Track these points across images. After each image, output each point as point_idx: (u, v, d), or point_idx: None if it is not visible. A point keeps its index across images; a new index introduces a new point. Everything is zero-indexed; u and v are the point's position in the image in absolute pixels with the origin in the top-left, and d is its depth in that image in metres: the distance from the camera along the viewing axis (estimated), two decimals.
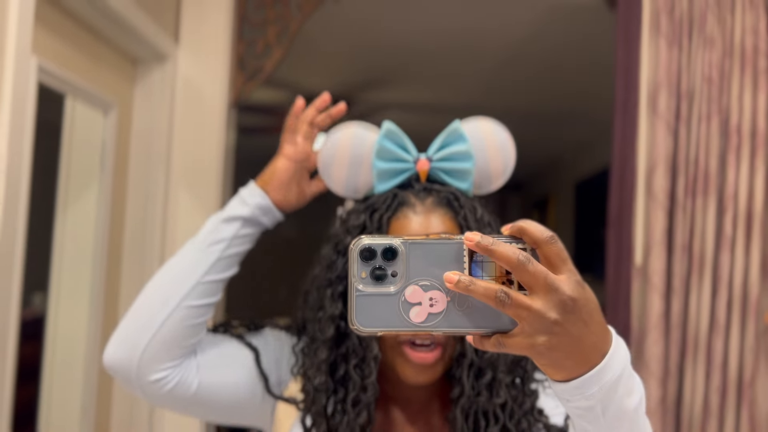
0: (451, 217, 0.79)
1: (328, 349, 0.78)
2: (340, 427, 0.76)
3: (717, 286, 1.82)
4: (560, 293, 0.50)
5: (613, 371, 0.52)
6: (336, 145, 0.83)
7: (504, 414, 0.76)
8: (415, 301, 0.53)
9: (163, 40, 1.80)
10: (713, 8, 1.87)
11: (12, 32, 1.12)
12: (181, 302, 0.79)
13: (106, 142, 1.70)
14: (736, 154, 1.84)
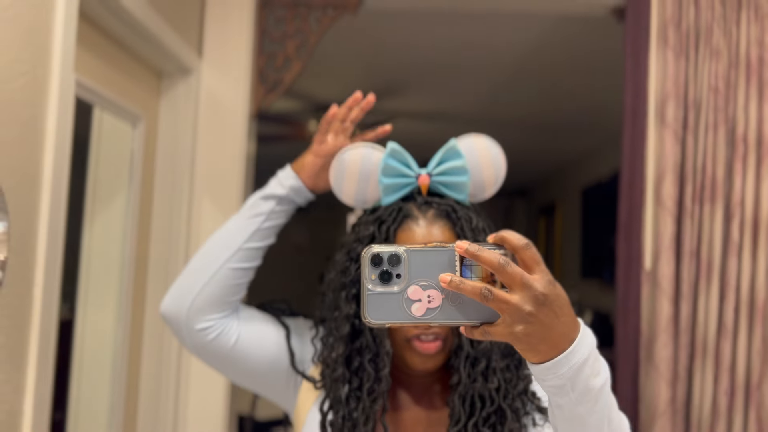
0: (450, 227, 0.89)
1: (344, 344, 0.88)
2: (355, 413, 0.86)
3: (725, 291, 1.88)
4: (534, 290, 0.60)
5: (581, 355, 0.62)
6: (346, 163, 0.93)
7: (498, 396, 0.85)
8: (416, 298, 0.64)
9: (188, 54, 1.87)
10: (719, 21, 1.93)
11: (57, 52, 1.19)
12: (225, 264, 0.92)
13: (134, 153, 1.77)
14: (742, 162, 1.89)
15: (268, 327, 0.96)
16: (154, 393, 1.88)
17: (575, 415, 0.64)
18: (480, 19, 2.70)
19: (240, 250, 0.93)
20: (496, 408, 0.85)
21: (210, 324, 0.92)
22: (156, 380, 1.88)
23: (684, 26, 1.95)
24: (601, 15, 2.14)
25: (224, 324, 0.93)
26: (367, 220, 0.92)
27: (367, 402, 0.86)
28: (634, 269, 1.94)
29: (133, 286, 1.80)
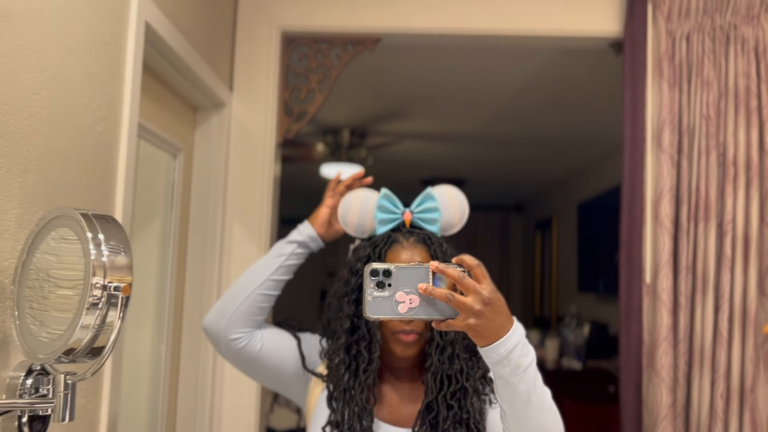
0: (426, 250, 1.17)
1: (345, 336, 1.16)
2: (353, 386, 1.14)
3: (719, 302, 2.03)
4: (482, 295, 0.88)
5: (513, 340, 0.90)
6: (350, 203, 1.24)
7: (462, 377, 1.13)
8: (401, 300, 0.90)
9: (221, 89, 2.02)
10: (709, 54, 2.11)
11: (127, 100, 1.34)
12: (255, 290, 1.21)
13: (174, 182, 1.91)
14: (733, 184, 2.06)
15: (284, 338, 1.24)
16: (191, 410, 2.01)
17: (510, 383, 0.91)
18: (485, 51, 2.87)
19: (267, 280, 1.21)
20: (460, 386, 1.12)
21: (241, 335, 1.19)
22: (192, 396, 2.01)
23: (677, 60, 2.13)
24: (600, 48, 2.32)
25: (251, 335, 1.20)
26: (364, 244, 1.21)
27: (362, 377, 1.13)
28: (635, 283, 2.10)
29: (174, 302, 1.93)
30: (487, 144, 4.77)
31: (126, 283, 0.83)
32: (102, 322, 0.81)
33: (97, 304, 0.80)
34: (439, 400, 1.12)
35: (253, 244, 2.14)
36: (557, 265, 6.09)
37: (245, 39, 2.18)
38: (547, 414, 0.94)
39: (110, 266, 0.82)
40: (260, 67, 2.17)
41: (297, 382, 1.24)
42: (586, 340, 4.16)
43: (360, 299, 1.16)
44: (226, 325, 1.19)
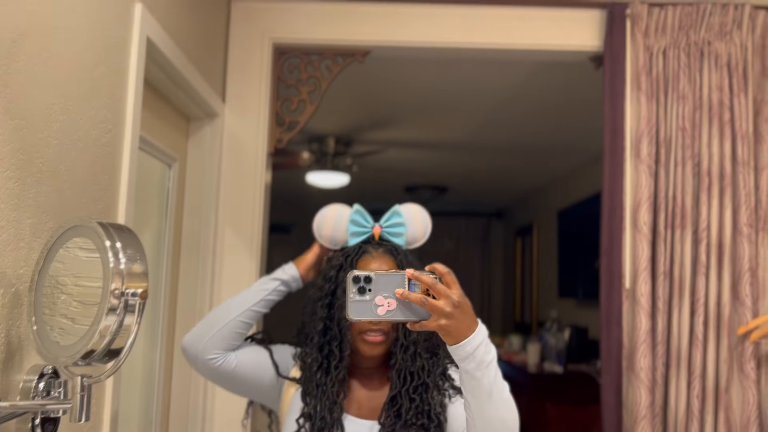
0: (392, 260, 1.30)
1: (318, 337, 1.27)
2: (326, 384, 1.24)
3: (695, 306, 2.12)
4: (452, 299, 0.99)
5: (478, 340, 1.02)
6: (325, 216, 1.37)
7: (423, 373, 1.25)
8: (380, 303, 0.99)
9: (214, 100, 2.07)
10: (684, 69, 2.21)
11: (129, 113, 1.38)
12: (237, 317, 1.31)
13: (169, 192, 1.95)
14: (707, 193, 2.15)
15: (256, 352, 1.34)
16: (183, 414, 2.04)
17: (475, 377, 1.03)
18: (470, 64, 2.94)
19: (248, 310, 1.32)
20: (422, 382, 1.24)
21: (217, 355, 1.30)
22: (185, 401, 2.04)
23: (654, 73, 2.22)
24: (581, 61, 2.41)
25: (226, 355, 1.31)
26: (337, 254, 1.32)
27: (334, 373, 1.24)
28: (615, 288, 2.18)
29: (168, 310, 1.97)
30: (471, 152, 4.86)
31: (143, 289, 0.88)
32: (119, 326, 0.86)
33: (115, 309, 0.85)
34: (402, 393, 1.24)
35: (245, 252, 2.19)
36: (538, 271, 6.19)
37: (238, 51, 2.23)
38: (506, 405, 1.06)
39: (128, 273, 0.87)
40: (252, 79, 2.22)
41: (272, 390, 1.34)
42: (566, 345, 4.25)
43: (332, 303, 1.28)
44: (205, 346, 1.29)
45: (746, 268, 2.12)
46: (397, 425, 1.22)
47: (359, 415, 1.28)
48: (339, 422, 1.23)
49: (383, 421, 1.23)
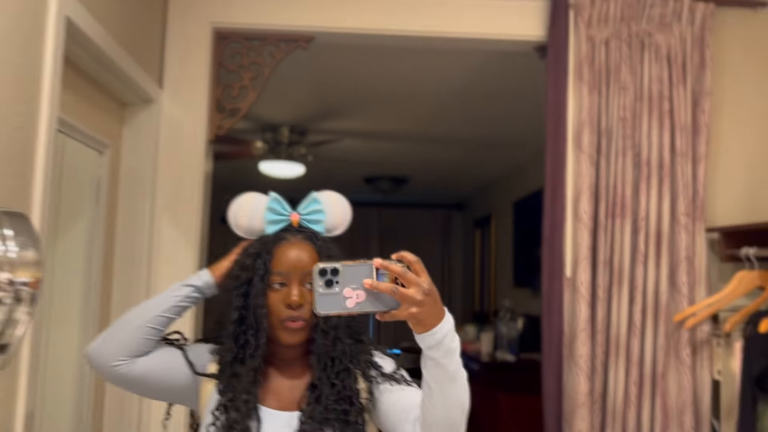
0: (312, 247, 1.24)
1: (234, 326, 1.22)
2: (241, 374, 1.20)
3: (633, 295, 2.15)
4: (422, 286, 0.97)
5: (446, 328, 1.01)
6: (240, 206, 1.31)
7: (345, 358, 1.22)
8: (349, 296, 0.96)
9: (150, 86, 2.01)
10: (626, 60, 2.22)
11: (46, 95, 1.32)
12: (146, 323, 1.25)
13: (101, 179, 1.89)
14: (646, 182, 2.18)
15: (168, 353, 1.28)
16: (117, 411, 1.99)
17: (442, 364, 1.04)
18: (419, 53, 2.93)
19: (158, 316, 1.26)
20: (344, 367, 1.22)
21: (122, 362, 1.23)
22: (120, 396, 1.99)
23: (597, 64, 2.23)
24: (525, 51, 2.41)
25: (134, 362, 1.24)
26: (254, 243, 1.28)
27: (249, 363, 1.21)
28: (556, 277, 2.20)
29: (100, 302, 1.91)
30: (428, 143, 4.85)
31: (35, 279, 0.84)
32: (8, 318, 0.82)
33: (1, 299, 0.81)
34: (323, 379, 1.22)
35: (183, 242, 2.14)
36: (495, 262, 6.24)
37: (176, 36, 2.17)
38: (465, 389, 1.08)
39: (18, 262, 0.83)
40: (191, 64, 2.17)
41: (188, 390, 1.30)
42: (519, 334, 4.29)
43: (248, 293, 1.23)
44: (110, 353, 1.23)
45: (683, 257, 2.16)
46: (317, 411, 1.20)
47: (279, 407, 1.25)
48: (255, 412, 1.20)
49: (303, 408, 1.21)
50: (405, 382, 1.25)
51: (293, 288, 1.20)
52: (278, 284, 1.21)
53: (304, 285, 1.22)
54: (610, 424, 2.12)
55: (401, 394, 1.22)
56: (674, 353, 2.15)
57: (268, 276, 1.21)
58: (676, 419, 2.12)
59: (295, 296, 1.19)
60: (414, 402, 1.18)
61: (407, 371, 1.33)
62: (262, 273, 1.21)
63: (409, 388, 1.23)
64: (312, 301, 0.97)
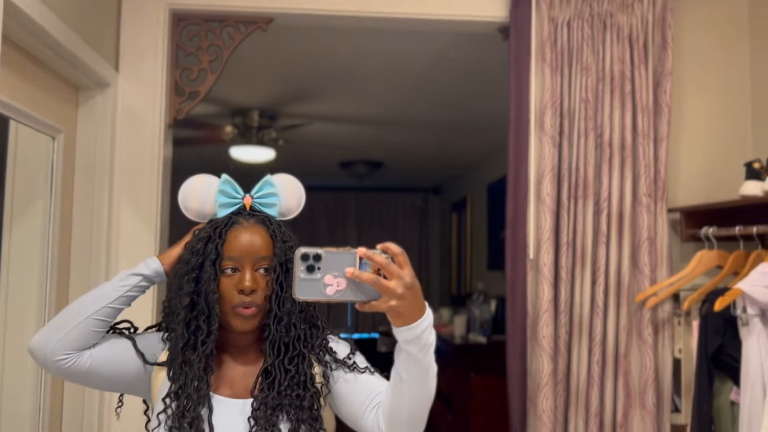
0: (265, 231, 1.21)
1: (184, 312, 1.19)
2: (193, 360, 1.17)
3: (596, 275, 2.17)
4: (404, 280, 0.97)
5: (426, 323, 1.01)
6: (191, 188, 1.27)
7: (299, 344, 1.20)
8: (330, 283, 0.96)
9: (104, 69, 1.96)
10: (588, 41, 2.22)
11: None
12: (91, 315, 1.20)
13: (55, 164, 1.85)
14: (608, 164, 2.19)
15: (116, 344, 1.24)
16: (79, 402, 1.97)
17: (417, 358, 1.04)
18: (384, 34, 2.90)
19: (105, 307, 1.22)
20: (298, 352, 1.21)
21: (68, 356, 1.19)
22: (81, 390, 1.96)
23: (559, 45, 2.22)
24: (489, 32, 2.39)
25: (79, 355, 1.20)
26: (205, 226, 1.24)
27: (200, 349, 1.18)
28: (520, 258, 2.21)
29: (57, 294, 1.88)
30: (402, 127, 4.83)
31: None
32: None
33: None
34: (276, 365, 1.20)
35: (144, 229, 2.10)
36: (471, 245, 6.27)
37: (131, 17, 2.12)
38: (434, 383, 1.09)
39: None
40: (148, 47, 2.12)
41: (140, 380, 1.26)
42: (492, 316, 4.32)
43: (200, 277, 1.19)
44: (54, 347, 1.18)
45: (645, 237, 2.18)
46: (270, 398, 1.18)
47: (232, 394, 1.22)
48: (207, 399, 1.18)
49: (256, 394, 1.19)
50: (361, 367, 1.23)
51: (246, 273, 1.17)
52: (230, 269, 1.18)
53: (257, 270, 1.19)
54: (573, 403, 2.15)
55: (359, 379, 1.21)
56: (636, 333, 2.17)
57: (219, 260, 1.17)
58: (638, 397, 2.15)
59: (248, 282, 1.16)
60: (373, 388, 1.18)
61: (384, 356, 1.32)
62: (214, 258, 1.17)
63: (366, 373, 1.22)
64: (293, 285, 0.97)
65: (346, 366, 1.24)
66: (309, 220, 7.62)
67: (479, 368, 3.85)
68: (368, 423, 1.16)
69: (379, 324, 7.35)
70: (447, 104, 4.16)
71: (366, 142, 5.35)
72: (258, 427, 1.15)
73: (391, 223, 7.96)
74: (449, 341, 4.18)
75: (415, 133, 5.02)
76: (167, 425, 1.17)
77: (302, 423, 1.18)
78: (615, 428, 2.13)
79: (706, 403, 1.89)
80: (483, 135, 5.03)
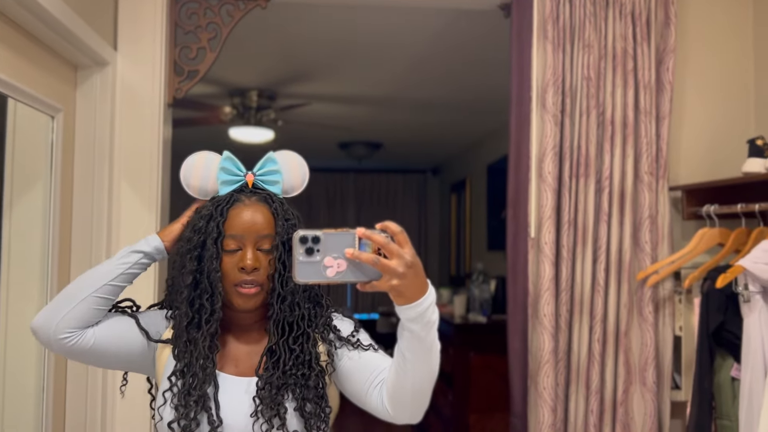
0: (268, 209, 1.21)
1: (188, 291, 1.19)
2: (197, 339, 1.18)
3: (597, 254, 2.17)
4: (404, 258, 0.96)
5: (429, 301, 1.01)
6: (193, 166, 1.27)
7: (303, 323, 1.20)
8: (330, 264, 0.96)
9: (103, 47, 1.94)
10: (590, 17, 2.20)
11: None
12: (93, 293, 1.20)
13: (54, 144, 1.84)
14: (610, 142, 2.18)
15: (119, 322, 1.24)
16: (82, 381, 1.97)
17: (420, 336, 1.04)
18: (384, 11, 2.87)
19: (106, 285, 1.21)
20: (302, 332, 1.21)
21: (71, 334, 1.19)
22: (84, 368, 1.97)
23: (561, 22, 2.20)
24: (490, 9, 2.37)
25: (83, 333, 1.20)
26: (207, 204, 1.23)
27: (205, 328, 1.18)
28: (521, 237, 2.21)
29: (58, 274, 1.88)
30: (402, 107, 4.81)
31: None
32: None
33: None
34: (281, 344, 1.20)
35: (144, 209, 2.10)
36: (470, 226, 6.27)
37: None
38: (438, 361, 1.08)
39: None
40: (146, 25, 2.10)
41: (144, 357, 1.27)
42: (492, 296, 4.33)
43: (202, 256, 1.18)
44: (57, 326, 1.18)
45: (646, 216, 2.17)
46: (275, 377, 1.18)
47: (237, 372, 1.22)
48: (213, 378, 1.18)
49: (261, 373, 1.19)
50: (365, 344, 1.23)
51: (247, 251, 1.17)
52: (232, 247, 1.17)
53: (259, 249, 1.18)
54: (574, 380, 2.16)
55: (363, 356, 1.21)
56: (637, 310, 2.18)
57: (221, 239, 1.17)
58: (638, 375, 2.16)
59: (249, 260, 1.16)
60: (377, 365, 1.18)
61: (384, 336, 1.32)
62: (215, 236, 1.17)
63: (370, 351, 1.22)
64: (293, 268, 0.97)
65: (350, 344, 1.23)
66: (307, 202, 7.62)
67: (479, 347, 3.87)
68: (372, 400, 1.16)
69: (378, 305, 7.38)
70: (447, 84, 4.13)
71: (365, 123, 5.33)
72: (264, 406, 1.16)
73: (390, 204, 7.96)
74: (449, 321, 4.20)
75: (414, 113, 4.99)
76: (173, 403, 1.18)
77: (308, 401, 1.18)
78: (615, 405, 2.15)
79: (707, 380, 1.90)
80: (482, 115, 5.01)
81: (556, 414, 2.15)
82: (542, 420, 2.13)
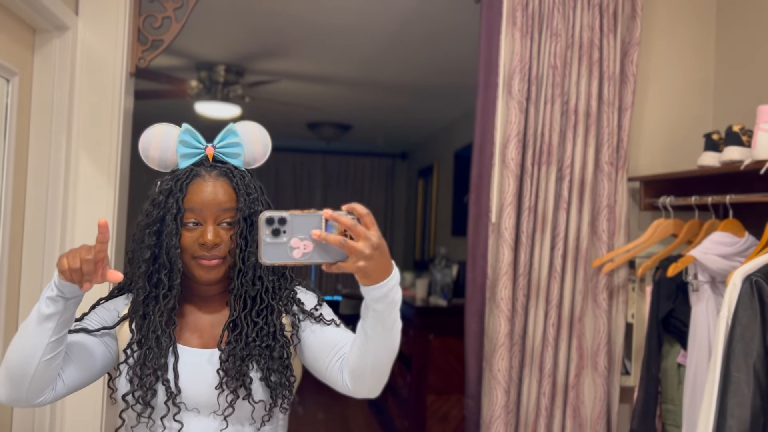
0: (228, 183, 1.19)
1: (146, 265, 1.18)
2: (154, 313, 1.17)
3: (555, 240, 2.21)
4: (371, 240, 0.97)
5: (393, 282, 1.03)
6: (151, 137, 1.23)
7: (267, 296, 1.20)
8: (296, 246, 0.97)
9: (63, 11, 1.89)
10: (559, 6, 2.22)
11: None
12: (41, 359, 1.10)
13: (9, 108, 1.78)
14: (573, 131, 2.21)
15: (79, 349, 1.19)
16: None
17: (384, 315, 1.06)
18: None
19: (48, 344, 1.10)
20: (266, 305, 1.21)
21: (43, 396, 1.15)
22: None
23: (530, 9, 2.22)
24: None
25: (53, 387, 1.16)
26: (167, 178, 1.21)
27: (162, 303, 1.17)
28: (482, 222, 2.23)
29: (10, 241, 1.84)
30: (371, 89, 4.79)
31: None
32: None
33: None
34: (242, 317, 1.19)
35: (103, 179, 2.06)
36: (436, 211, 6.31)
37: None
38: (398, 338, 1.11)
39: None
40: None
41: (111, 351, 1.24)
42: (454, 280, 4.38)
43: (161, 230, 1.17)
44: (27, 398, 1.13)
45: (605, 205, 2.22)
46: (238, 348, 1.18)
47: (201, 344, 1.22)
48: (168, 350, 1.17)
49: (223, 347, 1.18)
50: (327, 319, 1.24)
51: (208, 227, 1.15)
52: (192, 223, 1.16)
53: (219, 224, 1.17)
54: (528, 363, 2.20)
55: (326, 331, 1.22)
56: (592, 297, 2.23)
57: (180, 215, 1.15)
58: (590, 360, 2.22)
59: (210, 236, 1.15)
60: (338, 341, 1.19)
61: (347, 318, 1.33)
62: (175, 212, 1.15)
63: (332, 326, 1.23)
64: (259, 249, 0.96)
65: (313, 317, 1.24)
66: (275, 183, 7.56)
67: (439, 330, 3.92)
68: (333, 374, 1.17)
69: (342, 287, 7.39)
70: (418, 67, 4.13)
71: (334, 104, 5.30)
72: (228, 378, 1.16)
73: (357, 187, 7.95)
74: (411, 304, 4.24)
75: (384, 96, 4.98)
76: (128, 375, 1.17)
77: (273, 372, 1.19)
78: (567, 389, 2.20)
79: (655, 365, 1.96)
80: (451, 101, 5.03)
81: (509, 396, 2.19)
82: (495, 401, 2.17)
